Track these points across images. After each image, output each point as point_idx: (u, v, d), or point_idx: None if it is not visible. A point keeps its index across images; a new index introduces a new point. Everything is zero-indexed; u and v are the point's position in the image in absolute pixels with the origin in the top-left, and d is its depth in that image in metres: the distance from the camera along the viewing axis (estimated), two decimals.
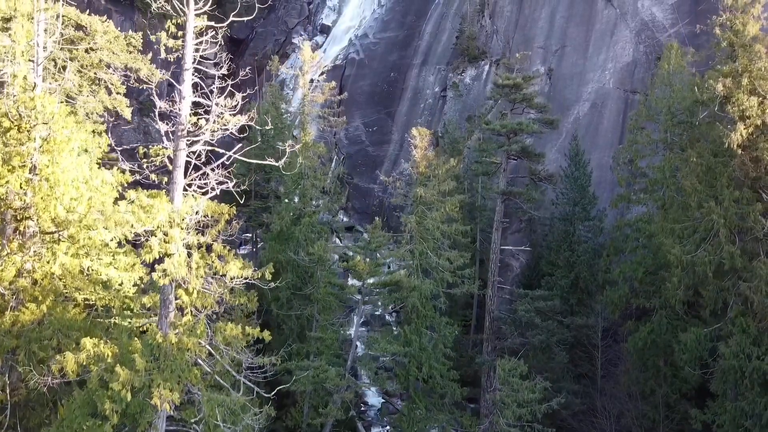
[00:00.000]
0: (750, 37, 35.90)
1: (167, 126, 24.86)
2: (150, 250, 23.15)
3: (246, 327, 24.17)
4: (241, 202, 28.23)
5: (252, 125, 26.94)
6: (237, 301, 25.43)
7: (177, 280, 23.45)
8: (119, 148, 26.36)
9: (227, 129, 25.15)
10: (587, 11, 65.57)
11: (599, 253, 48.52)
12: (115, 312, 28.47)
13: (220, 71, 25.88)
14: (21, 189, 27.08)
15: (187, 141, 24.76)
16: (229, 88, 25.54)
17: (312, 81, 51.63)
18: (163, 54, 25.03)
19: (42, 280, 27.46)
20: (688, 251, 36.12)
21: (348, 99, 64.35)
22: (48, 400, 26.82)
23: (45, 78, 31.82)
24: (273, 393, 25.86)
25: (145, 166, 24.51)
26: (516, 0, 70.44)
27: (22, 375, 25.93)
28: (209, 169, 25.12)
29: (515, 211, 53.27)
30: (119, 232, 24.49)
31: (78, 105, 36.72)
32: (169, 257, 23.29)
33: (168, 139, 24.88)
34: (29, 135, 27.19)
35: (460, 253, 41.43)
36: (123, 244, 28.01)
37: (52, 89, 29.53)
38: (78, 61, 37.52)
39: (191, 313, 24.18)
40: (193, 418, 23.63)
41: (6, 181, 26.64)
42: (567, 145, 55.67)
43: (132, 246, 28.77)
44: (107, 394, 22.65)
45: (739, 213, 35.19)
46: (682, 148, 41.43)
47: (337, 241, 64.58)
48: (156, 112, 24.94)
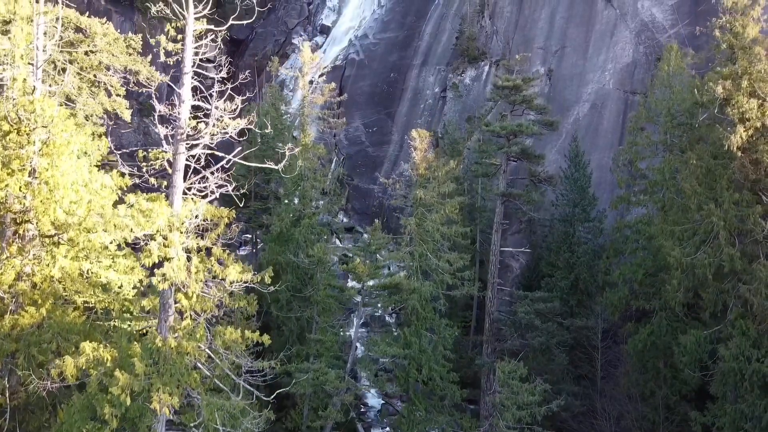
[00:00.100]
0: (750, 40, 35.88)
1: (167, 129, 24.84)
2: (149, 254, 23.14)
3: (245, 331, 24.15)
4: (241, 205, 28.19)
5: (252, 128, 26.91)
6: (237, 305, 25.40)
7: (176, 284, 23.43)
8: (119, 151, 26.33)
9: (227, 132, 25.13)
10: (587, 12, 65.49)
11: (599, 255, 48.49)
12: (115, 315, 28.44)
13: (219, 74, 25.86)
14: (20, 192, 27.07)
15: (187, 145, 24.72)
16: (229, 91, 25.51)
17: (312, 82, 51.58)
18: (163, 57, 25.02)
19: (41, 283, 27.46)
20: (687, 253, 36.10)
21: (348, 99, 64.22)
22: (47, 403, 26.79)
23: (45, 80, 31.82)
24: (273, 396, 25.78)
25: (145, 169, 24.48)
26: (516, 1, 70.34)
27: (21, 379, 25.94)
28: (209, 173, 25.10)
29: (515, 213, 53.21)
30: (119, 235, 24.50)
31: (78, 107, 36.73)
32: (169, 261, 23.27)
33: (167, 143, 24.86)
34: (29, 138, 27.18)
35: (459, 255, 41.38)
36: (122, 246, 27.98)
37: (51, 92, 29.50)
38: (77, 64, 37.53)
39: (191, 317, 24.16)
40: (193, 422, 23.60)
41: (5, 185, 26.63)
42: (567, 146, 55.61)
43: (132, 248, 28.73)
44: (107, 398, 22.63)
45: (739, 215, 35.17)
46: (681, 149, 41.40)
47: (337, 242, 64.54)
48: (156, 115, 24.94)
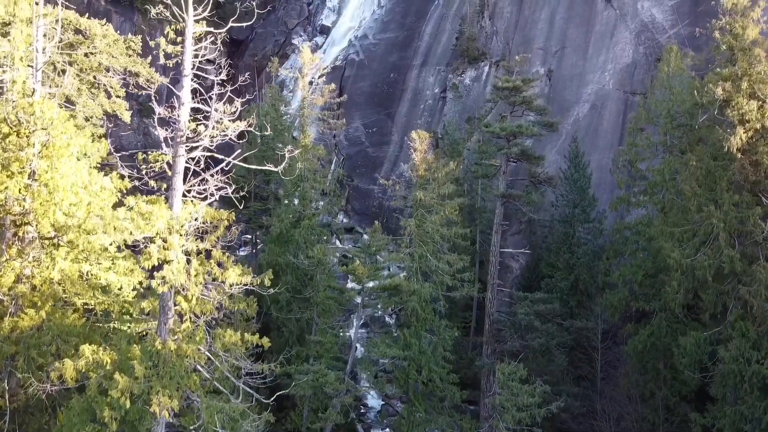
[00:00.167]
0: (749, 41, 35.84)
1: (166, 132, 24.84)
2: (149, 257, 23.14)
3: (245, 334, 24.14)
4: (241, 207, 28.18)
5: (252, 130, 26.89)
6: (236, 307, 25.41)
7: (176, 287, 23.43)
8: (119, 153, 26.33)
9: (226, 135, 25.12)
10: (587, 12, 65.48)
11: (599, 255, 48.46)
12: (115, 317, 28.44)
13: (219, 77, 25.85)
14: (20, 194, 27.07)
15: (186, 147, 24.72)
16: (229, 93, 25.51)
17: (311, 83, 51.55)
18: (163, 60, 25.04)
19: (41, 285, 27.45)
20: (687, 255, 36.08)
21: (348, 100, 64.22)
22: (47, 406, 26.79)
23: (44, 82, 31.79)
24: (272, 399, 25.78)
25: (144, 172, 24.48)
26: (516, 1, 70.35)
27: (21, 381, 25.93)
28: (209, 175, 25.09)
29: (515, 213, 53.19)
30: (119, 238, 24.50)
31: (77, 109, 36.72)
32: (168, 264, 23.26)
33: (167, 145, 24.85)
34: (28, 140, 27.18)
35: (459, 256, 41.36)
36: (122, 248, 27.98)
37: (51, 94, 29.48)
38: (77, 65, 37.51)
39: (190, 320, 24.15)
40: (193, 425, 23.59)
41: (5, 187, 26.62)
42: (567, 147, 55.58)
43: (131, 250, 28.74)
44: (106, 401, 22.63)
45: (739, 217, 35.15)
46: (681, 151, 41.37)
47: (337, 243, 64.52)
48: (155, 117, 24.95)
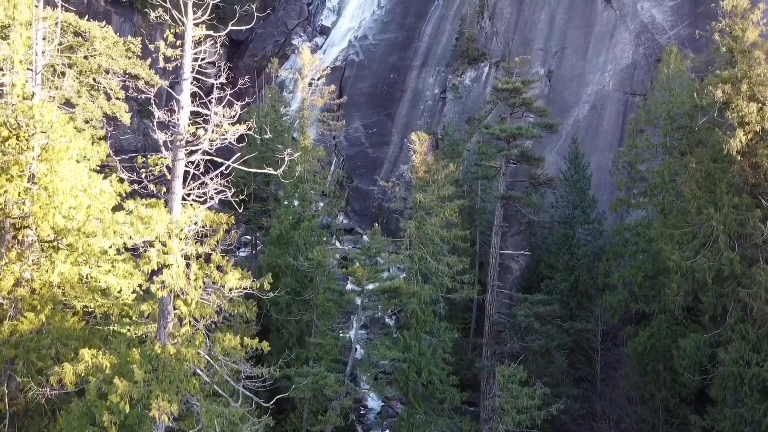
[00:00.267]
0: (749, 43, 35.80)
1: (166, 135, 24.81)
2: (148, 261, 23.13)
3: (245, 338, 24.14)
4: (240, 210, 28.18)
5: (251, 134, 26.88)
6: (236, 310, 25.42)
7: (175, 291, 23.42)
8: (118, 155, 26.32)
9: (226, 138, 25.10)
10: (587, 13, 65.42)
11: (599, 257, 48.44)
12: (114, 320, 28.42)
13: (218, 80, 25.83)
14: (19, 198, 27.07)
15: (186, 151, 24.70)
16: (228, 97, 25.49)
17: (311, 84, 51.57)
18: (162, 63, 25.01)
19: (40, 288, 27.46)
20: (687, 257, 36.06)
21: (348, 101, 64.10)
22: (47, 409, 26.79)
23: (44, 83, 31.76)
24: (272, 402, 25.79)
25: (144, 175, 24.47)
26: (515, 2, 70.27)
27: (20, 385, 25.94)
28: (208, 179, 25.08)
29: (515, 214, 53.15)
30: (118, 241, 24.50)
31: (77, 111, 36.71)
32: (168, 268, 23.26)
33: (166, 149, 24.82)
34: (28, 144, 27.17)
35: (459, 258, 41.31)
36: (121, 251, 27.97)
37: (50, 97, 29.47)
38: (77, 67, 37.50)
39: (190, 324, 24.16)
40: (192, 429, 23.54)
41: (4, 191, 26.64)
42: (566, 148, 55.55)
43: (131, 253, 28.73)
44: (106, 405, 22.64)
45: (739, 219, 35.12)
46: (681, 152, 41.34)
47: (337, 244, 64.51)
48: (155, 121, 24.93)
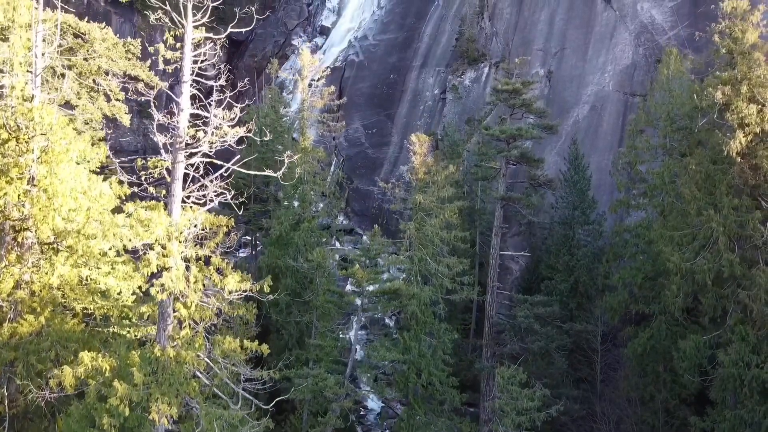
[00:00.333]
0: (749, 45, 35.77)
1: (165, 138, 24.81)
2: (148, 263, 23.12)
3: (244, 340, 24.15)
4: (240, 213, 28.18)
5: (251, 136, 26.86)
6: (235, 313, 25.42)
7: (175, 294, 23.42)
8: (118, 155, 26.29)
9: (225, 141, 25.10)
10: (586, 14, 65.39)
11: (599, 257, 48.40)
12: (114, 321, 28.39)
13: (218, 82, 25.83)
14: (19, 200, 27.06)
15: (186, 153, 24.69)
16: (228, 99, 25.48)
17: (311, 85, 51.54)
18: (162, 66, 25.03)
19: (40, 291, 27.44)
20: (687, 258, 36.05)
21: (347, 101, 64.14)
22: (46, 412, 26.79)
23: (43, 83, 31.71)
24: (272, 405, 25.77)
25: (144, 178, 24.46)
26: (515, 2, 70.23)
27: (20, 387, 25.94)
28: (208, 181, 25.07)
29: (515, 215, 53.10)
30: (118, 244, 24.51)
31: (77, 112, 36.70)
32: (167, 271, 23.25)
33: (166, 152, 24.82)
34: (27, 146, 27.16)
35: (459, 260, 41.25)
36: (121, 253, 27.96)
37: (50, 99, 29.45)
38: (76, 69, 37.49)
39: (189, 326, 24.15)
40: (192, 431, 23.60)
41: (4, 193, 26.62)
42: (566, 148, 55.53)
43: (131, 255, 28.71)
44: (105, 407, 22.63)
45: (738, 221, 35.11)
46: (681, 154, 41.31)
47: (337, 244, 64.49)
48: (154, 124, 24.92)
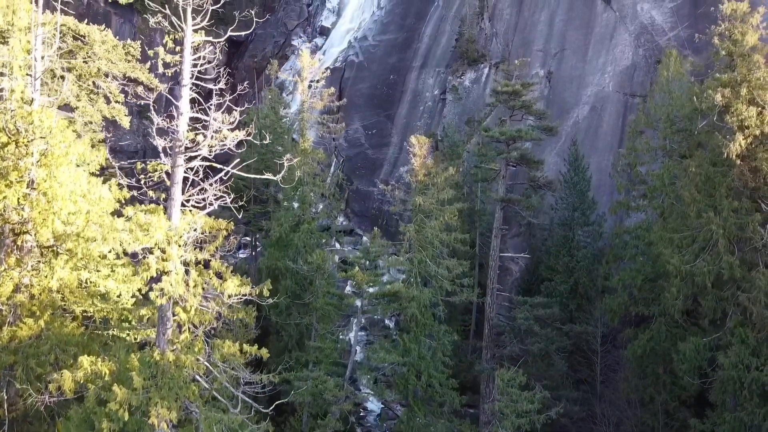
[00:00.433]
0: (749, 47, 35.73)
1: (165, 141, 24.80)
2: (147, 267, 23.13)
3: (244, 345, 24.13)
4: (240, 216, 28.19)
5: (250, 139, 26.83)
6: (235, 316, 25.41)
7: (174, 298, 23.41)
8: (118, 158, 26.30)
9: (225, 144, 25.09)
10: (586, 14, 65.36)
11: (599, 258, 48.38)
12: (114, 324, 28.41)
13: (218, 85, 25.81)
14: (19, 204, 27.05)
15: (185, 157, 24.69)
16: (227, 103, 25.47)
17: (311, 86, 51.46)
18: (161, 69, 25.02)
19: (40, 294, 27.44)
20: (686, 261, 36.02)
21: (347, 102, 64.05)
22: (46, 416, 26.78)
23: (43, 86, 31.69)
24: (271, 408, 25.75)
25: (143, 181, 24.46)
26: (515, 3, 70.21)
27: (20, 391, 25.92)
28: (207, 185, 25.06)
29: (514, 216, 53.05)
30: (118, 246, 24.50)
31: (76, 115, 36.69)
32: (167, 275, 23.25)
33: (165, 155, 24.82)
34: (27, 149, 27.15)
35: (459, 261, 41.19)
36: (121, 256, 27.92)
37: (50, 102, 29.44)
38: (76, 71, 37.48)
39: (189, 330, 24.15)
40: None
41: (3, 196, 26.61)
42: (566, 149, 55.50)
43: (131, 258, 28.69)
44: (105, 412, 22.62)
45: (738, 223, 35.09)
46: (681, 155, 41.27)
47: (337, 245, 64.45)
48: (154, 128, 24.91)
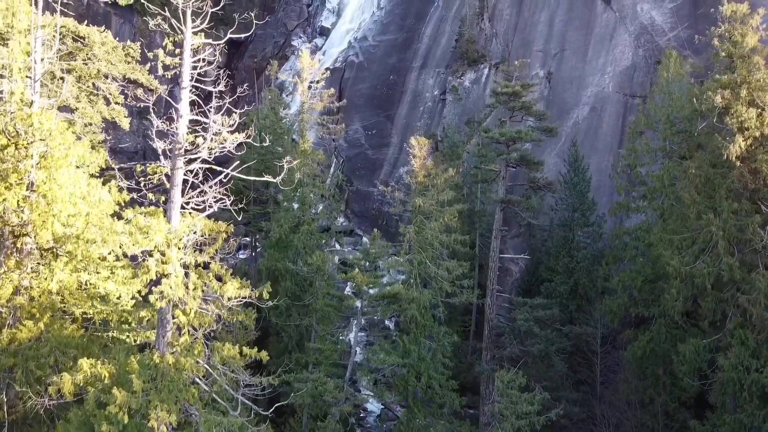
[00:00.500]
0: (749, 49, 35.72)
1: (164, 144, 24.79)
2: (147, 270, 23.12)
3: (243, 347, 24.14)
4: (240, 218, 28.20)
5: (250, 141, 26.83)
6: (235, 319, 25.42)
7: (174, 301, 23.41)
8: (117, 159, 26.31)
9: (225, 147, 25.09)
10: (586, 15, 65.34)
11: (598, 259, 48.37)
12: (113, 326, 28.40)
13: (217, 87, 25.81)
14: (18, 206, 27.03)
15: (185, 159, 24.68)
16: (227, 105, 25.46)
17: (310, 87, 51.45)
18: (161, 71, 25.02)
19: (39, 296, 27.40)
20: (686, 262, 36.01)
21: (347, 102, 64.14)
22: (45, 418, 26.76)
23: (43, 86, 31.67)
24: (271, 410, 25.75)
25: (143, 184, 24.45)
26: (515, 3, 70.19)
27: (19, 393, 25.91)
28: (207, 187, 25.06)
29: (514, 217, 53.05)
30: (117, 249, 24.48)
31: (76, 116, 36.66)
32: (167, 278, 23.25)
33: (165, 158, 24.81)
34: (27, 152, 27.12)
35: (459, 263, 41.16)
36: (120, 258, 27.92)
37: (49, 104, 29.43)
38: (76, 73, 37.45)
39: (189, 333, 24.15)
40: None
41: (3, 199, 26.57)
42: (566, 149, 55.47)
43: (130, 259, 28.68)
44: (104, 415, 22.62)
45: (738, 225, 35.08)
46: (681, 157, 41.25)
47: (337, 246, 64.41)
48: (153, 130, 24.90)
